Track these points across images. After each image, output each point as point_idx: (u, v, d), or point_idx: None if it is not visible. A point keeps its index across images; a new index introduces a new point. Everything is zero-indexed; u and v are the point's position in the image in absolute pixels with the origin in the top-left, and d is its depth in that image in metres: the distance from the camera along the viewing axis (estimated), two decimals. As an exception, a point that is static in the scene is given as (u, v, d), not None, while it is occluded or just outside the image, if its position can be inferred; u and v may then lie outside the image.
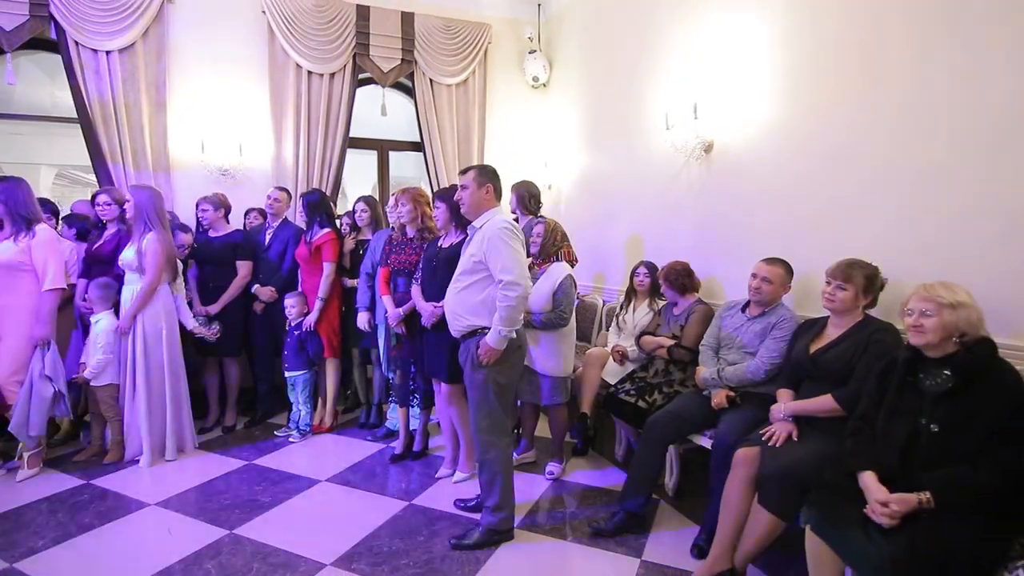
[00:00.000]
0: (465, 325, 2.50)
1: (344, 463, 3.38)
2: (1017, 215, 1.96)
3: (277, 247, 3.91)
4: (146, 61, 4.40)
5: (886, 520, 1.64)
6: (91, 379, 3.22)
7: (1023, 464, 1.61)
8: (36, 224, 3.16)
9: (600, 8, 4.64)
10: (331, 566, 2.31)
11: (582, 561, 2.41)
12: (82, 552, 2.42)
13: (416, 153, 5.45)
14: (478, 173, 2.52)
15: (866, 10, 2.46)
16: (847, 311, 2.22)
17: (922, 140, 2.25)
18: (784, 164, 2.90)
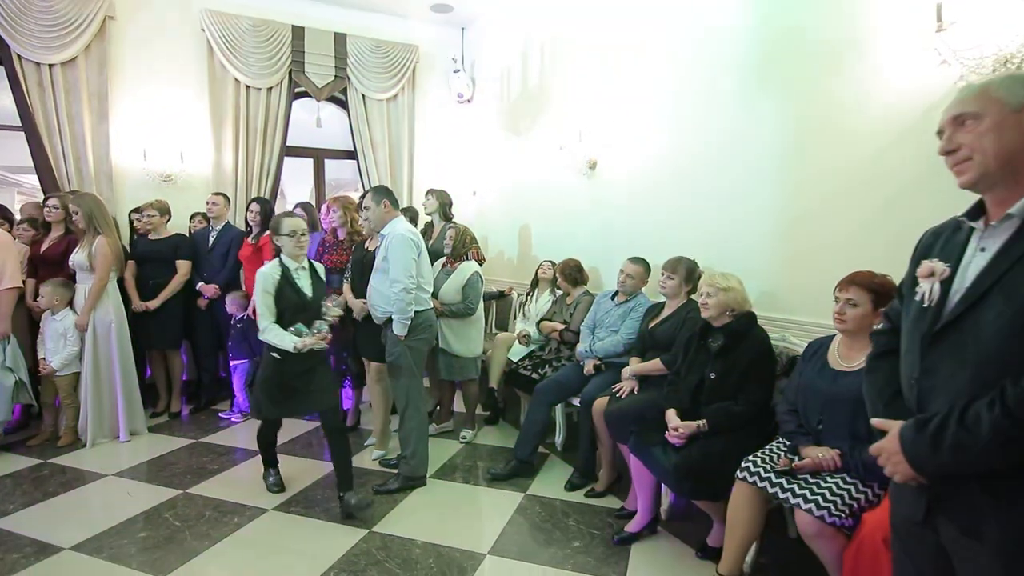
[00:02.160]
0: (383, 312, 3.07)
1: (284, 437, 3.78)
2: (783, 227, 2.71)
3: (221, 248, 4.31)
4: (88, 74, 4.68)
5: (676, 440, 2.34)
6: (59, 370, 3.56)
7: (765, 397, 2.34)
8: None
9: (511, 37, 5.27)
10: (273, 510, 2.83)
11: (478, 497, 3.02)
12: (53, 511, 2.82)
13: (350, 160, 5.92)
14: (373, 194, 3.11)
15: (707, 64, 3.17)
16: (675, 296, 2.93)
17: (729, 165, 2.99)
18: (648, 180, 3.61)
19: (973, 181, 1.13)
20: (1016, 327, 1.01)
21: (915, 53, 2.04)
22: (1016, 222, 1.08)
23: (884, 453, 1.17)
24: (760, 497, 2.02)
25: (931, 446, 1.07)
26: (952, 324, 1.12)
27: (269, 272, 2.73)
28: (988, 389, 1.02)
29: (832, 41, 2.42)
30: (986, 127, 1.10)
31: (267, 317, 2.70)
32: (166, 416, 4.25)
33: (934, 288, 1.18)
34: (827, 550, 1.82)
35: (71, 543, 2.51)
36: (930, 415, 1.10)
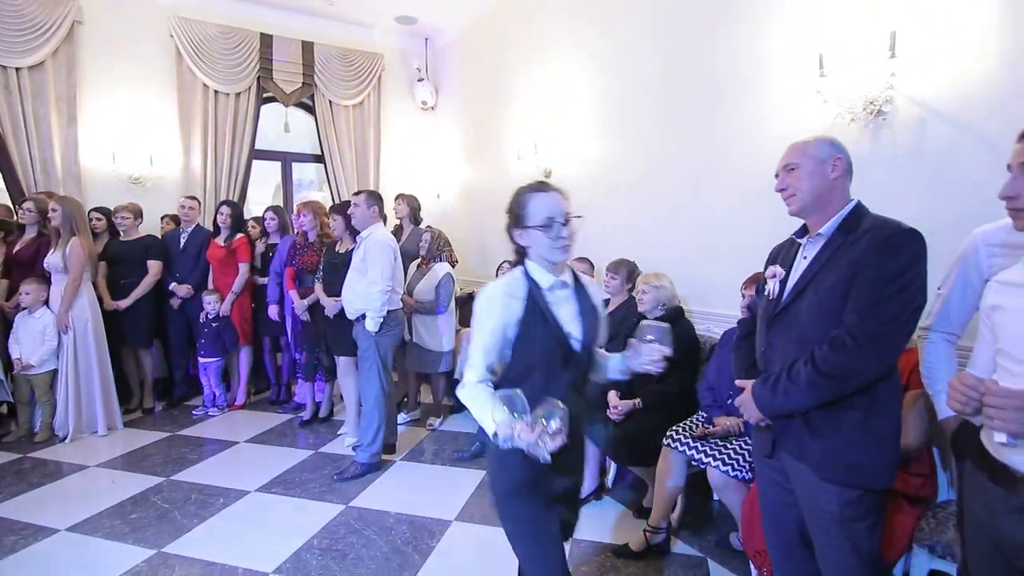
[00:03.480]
0: (357, 309, 3.35)
1: (259, 429, 4.08)
2: (704, 233, 3.14)
3: (192, 249, 4.48)
4: (56, 78, 4.75)
5: (616, 416, 2.72)
6: (37, 366, 3.68)
7: (690, 379, 2.75)
8: (-38, 231, 3.58)
9: (473, 48, 5.60)
10: (255, 491, 3.08)
11: (445, 475, 3.34)
12: (42, 499, 3.00)
13: (320, 164, 6.13)
14: (368, 196, 3.38)
15: (636, 90, 3.58)
16: (617, 293, 3.33)
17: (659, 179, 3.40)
18: (594, 189, 4.00)
19: (796, 211, 1.59)
20: (822, 311, 1.47)
21: (803, 94, 2.48)
22: (823, 239, 1.53)
23: (742, 403, 1.62)
24: (682, 460, 2.42)
25: (771, 394, 1.51)
26: (784, 310, 1.57)
27: (503, 292, 1.48)
28: (806, 353, 1.45)
29: (738, 80, 2.86)
30: (803, 173, 1.53)
31: (479, 367, 1.48)
32: (139, 412, 4.40)
33: (774, 286, 1.62)
34: (733, 499, 2.24)
35: (66, 525, 2.71)
36: (770, 374, 1.53)
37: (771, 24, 2.69)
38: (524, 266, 1.55)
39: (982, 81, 1.99)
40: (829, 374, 1.42)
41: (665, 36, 3.36)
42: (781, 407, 1.52)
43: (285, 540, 2.57)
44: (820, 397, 1.46)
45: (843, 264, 1.46)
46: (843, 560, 1.54)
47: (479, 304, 1.51)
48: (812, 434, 1.51)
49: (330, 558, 2.44)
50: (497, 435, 1.33)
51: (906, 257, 1.42)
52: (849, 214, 1.53)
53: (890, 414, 1.52)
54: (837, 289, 1.45)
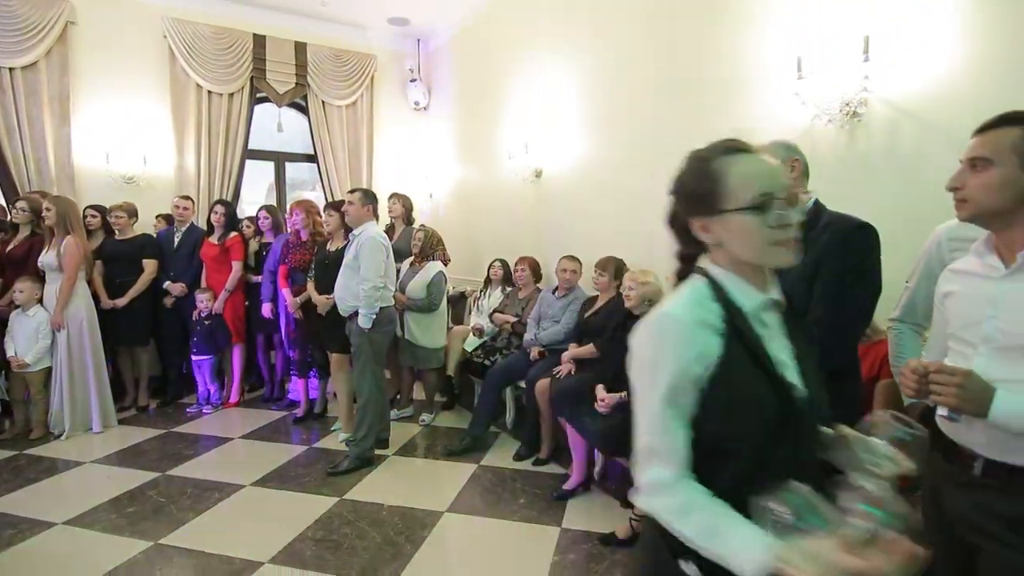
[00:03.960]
0: (349, 306, 3.40)
1: (254, 425, 4.13)
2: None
3: (186, 248, 4.52)
4: (49, 78, 4.77)
5: (603, 409, 2.79)
6: (32, 364, 3.71)
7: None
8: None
9: (465, 50, 5.67)
10: (250, 486, 3.13)
11: (436, 469, 3.40)
12: (38, 494, 3.04)
13: (312, 164, 6.17)
14: (363, 195, 3.44)
15: (626, 91, 3.66)
16: (605, 290, 3.40)
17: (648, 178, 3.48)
18: (584, 189, 4.07)
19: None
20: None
21: (782, 96, 2.56)
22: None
23: None
24: (666, 450, 2.49)
25: None
26: None
27: (687, 318, 0.93)
28: None
29: (721, 81, 2.95)
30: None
31: (670, 451, 0.92)
32: (134, 410, 4.43)
33: None
34: (713, 487, 2.31)
35: (63, 519, 2.75)
36: None
37: (752, 28, 2.78)
38: (710, 277, 0.96)
39: (950, 83, 2.08)
40: None
41: (652, 39, 3.43)
42: None
43: (280, 531, 2.63)
44: None
45: (808, 258, 1.53)
46: None
47: (642, 344, 0.93)
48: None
49: (324, 548, 2.50)
50: None
51: (863, 249, 1.53)
52: (810, 212, 1.63)
53: (852, 401, 1.60)
54: (802, 283, 1.54)
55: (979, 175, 1.15)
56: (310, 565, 2.38)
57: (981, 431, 1.13)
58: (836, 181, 2.34)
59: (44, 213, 3.76)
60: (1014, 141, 1.11)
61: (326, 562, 2.39)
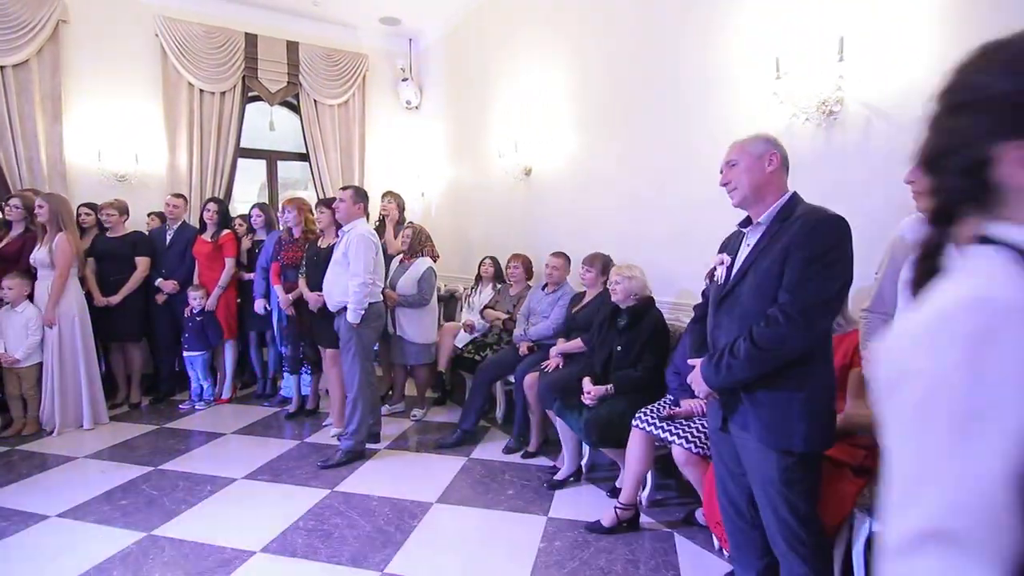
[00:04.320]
0: (338, 302, 3.45)
1: (245, 421, 4.16)
2: (673, 227, 3.29)
3: (178, 246, 4.55)
4: (41, 76, 4.78)
5: (589, 401, 2.86)
6: (23, 360, 3.73)
7: (659, 365, 2.89)
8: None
9: (456, 49, 5.72)
10: (242, 479, 3.17)
11: (427, 462, 3.45)
12: (31, 488, 3.07)
13: (304, 163, 6.20)
14: (355, 192, 3.49)
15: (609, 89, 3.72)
16: (593, 285, 3.47)
17: (632, 176, 3.55)
18: (573, 186, 4.14)
19: (738, 202, 1.76)
20: (760, 291, 1.64)
21: (761, 95, 2.63)
22: (763, 227, 1.69)
23: (693, 379, 1.79)
24: (649, 440, 2.56)
25: (715, 370, 1.67)
26: (729, 293, 1.73)
27: (997, 309, 0.50)
28: (747, 330, 1.61)
29: (702, 81, 3.03)
30: (742, 168, 1.69)
31: (993, 545, 0.48)
32: (126, 407, 4.45)
33: (722, 272, 1.78)
34: (693, 474, 2.39)
35: (56, 511, 2.79)
36: (715, 351, 1.69)
37: (731, 29, 2.85)
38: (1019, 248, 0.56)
39: (921, 84, 2.15)
40: (764, 347, 1.58)
41: (635, 39, 3.50)
42: (725, 380, 1.68)
43: (272, 522, 2.67)
44: (758, 370, 1.61)
45: (777, 248, 1.62)
46: (782, 520, 1.69)
47: (939, 352, 0.52)
48: (754, 405, 1.67)
49: (315, 537, 2.55)
50: None
51: (831, 240, 1.58)
52: (785, 204, 1.69)
53: (822, 386, 1.68)
54: (772, 271, 1.61)
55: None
56: (300, 553, 2.42)
57: None
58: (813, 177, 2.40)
59: (36, 210, 3.78)
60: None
61: (317, 551, 2.44)
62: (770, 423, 1.63)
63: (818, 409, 1.63)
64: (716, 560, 2.39)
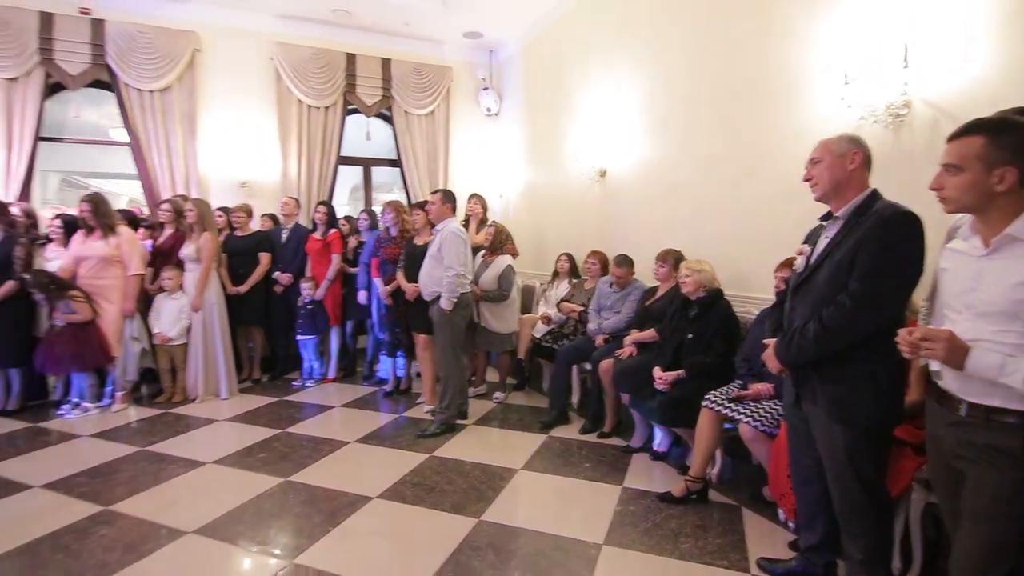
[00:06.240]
0: (432, 291, 3.90)
1: (350, 398, 4.73)
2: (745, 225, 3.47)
3: (292, 244, 5.20)
4: (180, 99, 5.60)
5: (662, 386, 3.12)
6: (175, 339, 4.47)
7: (728, 352, 3.11)
8: (117, 227, 4.38)
9: (534, 58, 6.08)
10: (354, 442, 3.69)
11: (510, 438, 3.83)
12: (187, 442, 3.72)
13: (392, 168, 6.79)
14: (443, 195, 3.94)
15: (688, 95, 3.95)
16: (665, 280, 3.71)
17: (705, 177, 3.76)
18: (647, 186, 4.38)
19: (819, 197, 1.94)
20: (834, 279, 1.84)
21: (829, 100, 2.80)
22: (841, 221, 1.88)
23: (766, 356, 2.00)
24: (717, 418, 2.80)
25: (786, 347, 1.90)
26: (806, 280, 1.94)
27: None
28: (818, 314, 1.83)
29: (776, 86, 3.20)
30: (825, 165, 1.90)
31: None
32: (249, 382, 5.15)
33: (801, 261, 1.99)
34: (759, 449, 2.61)
35: (210, 459, 3.40)
36: (788, 331, 1.92)
37: (802, 40, 3.02)
38: None
39: (986, 85, 2.27)
40: (832, 329, 1.79)
41: (708, 48, 3.70)
42: (795, 357, 1.90)
43: (383, 476, 3.14)
44: (825, 349, 1.82)
45: (852, 241, 1.80)
46: (846, 489, 1.89)
47: None
48: (823, 381, 1.87)
49: (421, 490, 2.99)
50: None
51: (900, 234, 1.74)
52: (864, 200, 1.86)
53: (888, 368, 1.83)
54: (846, 261, 1.80)
55: (952, 179, 1.42)
56: (409, 500, 2.87)
57: (963, 380, 1.41)
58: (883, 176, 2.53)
59: (186, 213, 4.50)
60: (978, 150, 1.38)
61: (423, 500, 2.88)
62: (837, 398, 1.83)
63: (883, 388, 1.81)
64: (780, 530, 2.60)
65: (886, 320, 1.78)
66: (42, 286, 4.01)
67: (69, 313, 4.05)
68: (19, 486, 3.05)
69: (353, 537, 2.56)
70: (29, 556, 2.39)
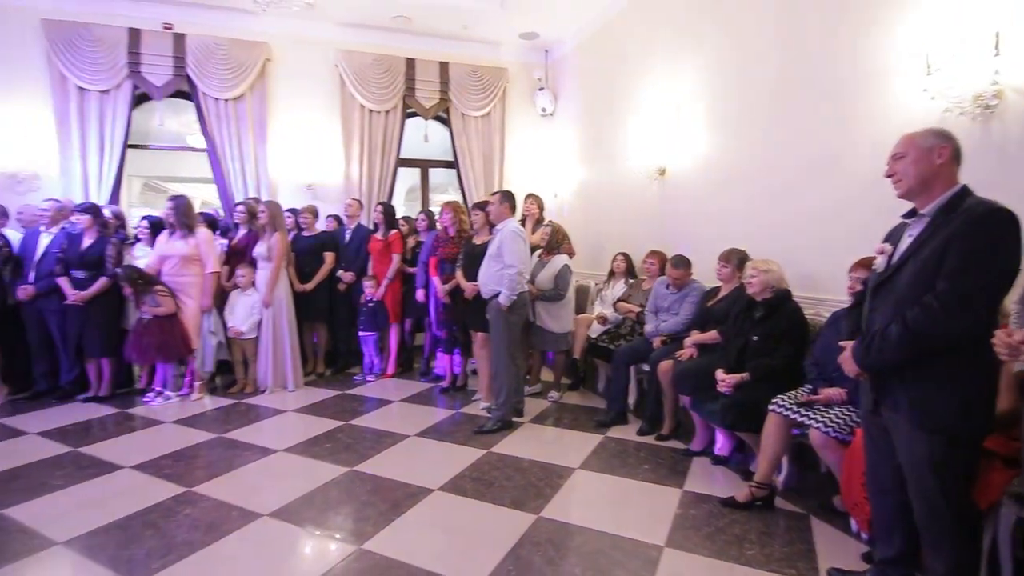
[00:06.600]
0: (491, 290, 3.96)
1: (407, 393, 4.86)
2: (814, 223, 3.34)
3: (355, 243, 5.40)
4: (252, 106, 5.92)
5: (724, 389, 3.05)
6: (247, 333, 4.73)
7: (796, 355, 3.01)
8: (196, 227, 4.67)
9: (590, 57, 6.06)
10: (414, 436, 3.79)
11: (566, 437, 3.83)
12: (258, 432, 3.93)
13: (448, 169, 6.93)
14: (502, 196, 4.00)
15: (751, 87, 3.84)
16: (728, 280, 3.62)
17: (772, 171, 3.64)
18: (707, 183, 4.29)
19: (902, 194, 1.86)
20: (918, 280, 1.75)
21: (910, 91, 2.66)
22: (927, 218, 1.79)
23: (843, 359, 1.94)
24: (785, 423, 2.71)
25: (865, 350, 1.82)
26: (888, 280, 1.85)
27: None
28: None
29: (849, 78, 3.06)
30: (909, 160, 1.81)
31: None
32: (313, 376, 5.38)
33: (883, 260, 1.91)
34: (831, 456, 2.51)
35: (281, 447, 3.57)
36: (867, 334, 1.84)
37: (878, 27, 2.88)
38: None
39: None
40: (916, 332, 1.69)
41: (776, 39, 3.59)
42: (875, 361, 1.81)
43: (443, 469, 3.22)
44: (908, 353, 1.73)
45: (940, 239, 1.70)
46: (929, 501, 1.80)
47: None
48: (906, 387, 1.78)
49: (480, 484, 3.04)
50: None
51: (994, 233, 1.64)
52: (953, 196, 1.76)
53: (979, 374, 1.73)
54: (932, 260, 1.70)
55: None
56: (470, 494, 2.93)
57: None
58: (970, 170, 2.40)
59: (259, 214, 4.75)
60: None
61: (482, 494, 2.93)
62: (921, 405, 1.74)
63: (972, 396, 1.71)
64: (852, 541, 2.49)
65: (975, 323, 1.68)
66: (131, 280, 4.34)
67: (155, 306, 4.36)
68: (112, 466, 3.31)
69: (416, 527, 2.63)
70: (123, 530, 2.59)
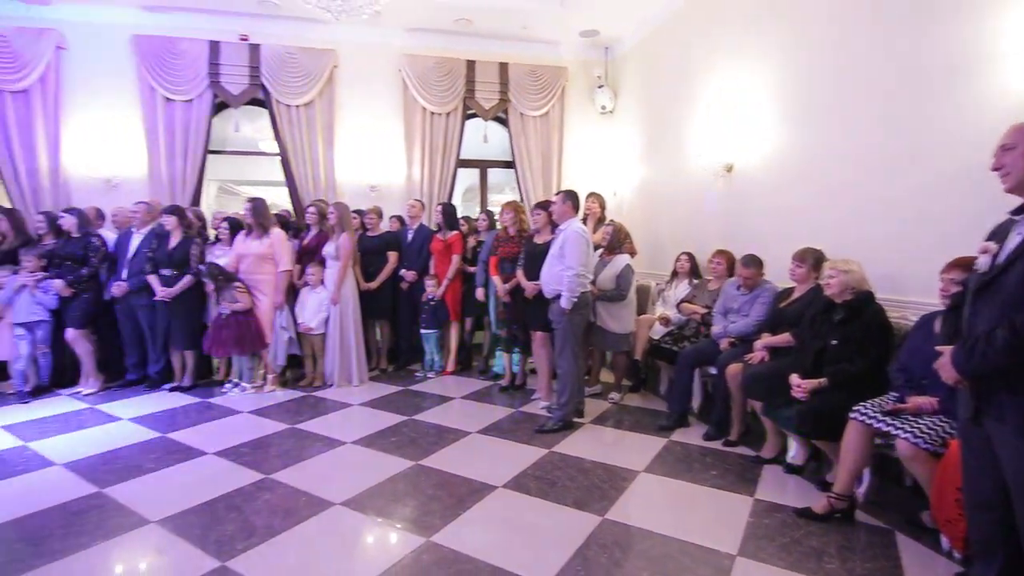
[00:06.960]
0: (553, 290, 3.94)
1: (468, 390, 4.92)
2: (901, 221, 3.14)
3: (416, 243, 5.52)
4: (320, 112, 6.16)
5: (800, 395, 2.91)
6: (315, 329, 4.93)
7: (878, 360, 2.83)
8: (271, 228, 4.90)
9: (652, 53, 5.94)
10: (476, 433, 3.84)
11: (628, 438, 3.78)
12: (327, 424, 4.08)
13: (507, 169, 6.96)
14: (566, 195, 3.98)
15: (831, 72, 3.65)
16: (803, 281, 3.46)
17: (851, 165, 3.45)
18: (779, 178, 4.11)
19: (1010, 187, 1.72)
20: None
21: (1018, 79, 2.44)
22: None
23: (940, 366, 1.80)
24: (867, 432, 2.56)
25: (968, 356, 1.69)
26: (991, 281, 1.71)
27: None
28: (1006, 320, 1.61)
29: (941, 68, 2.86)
30: (1019, 152, 1.67)
31: None
32: (376, 371, 5.54)
33: (986, 260, 1.77)
34: (920, 469, 2.35)
35: (349, 440, 3.70)
36: (969, 338, 1.70)
37: (983, 7, 2.67)
38: None
39: None
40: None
41: (864, 26, 3.38)
42: (978, 368, 1.68)
43: (506, 467, 3.24)
44: (1016, 359, 1.59)
45: None
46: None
47: None
48: (1014, 397, 1.65)
49: (543, 483, 3.04)
50: None
51: None
52: None
53: None
54: None
55: None
56: (534, 493, 2.93)
57: None
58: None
59: (328, 215, 4.94)
60: None
61: (546, 493, 2.93)
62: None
63: None
64: (942, 560, 2.33)
65: None
66: (213, 277, 4.61)
67: (233, 302, 4.61)
68: (197, 451, 3.53)
69: (482, 522, 2.66)
70: (210, 512, 2.76)
